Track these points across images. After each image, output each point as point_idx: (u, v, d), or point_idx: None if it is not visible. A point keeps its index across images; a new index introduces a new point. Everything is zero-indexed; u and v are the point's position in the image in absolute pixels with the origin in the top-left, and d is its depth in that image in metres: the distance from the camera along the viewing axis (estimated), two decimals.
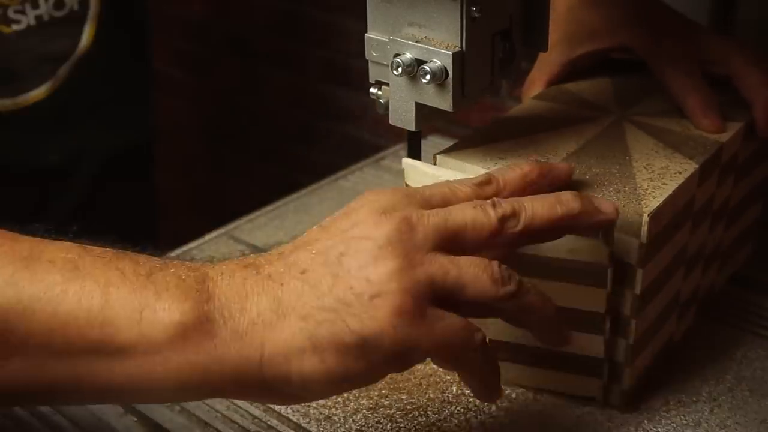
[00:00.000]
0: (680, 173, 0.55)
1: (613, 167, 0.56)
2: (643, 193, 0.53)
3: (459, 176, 0.52)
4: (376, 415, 0.57)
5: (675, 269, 0.57)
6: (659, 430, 0.55)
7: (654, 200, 0.52)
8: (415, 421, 0.56)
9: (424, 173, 0.56)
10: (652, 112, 0.63)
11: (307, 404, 0.57)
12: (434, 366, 0.61)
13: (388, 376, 0.59)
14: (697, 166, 0.56)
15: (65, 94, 0.85)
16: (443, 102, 0.53)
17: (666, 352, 0.61)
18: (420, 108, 0.54)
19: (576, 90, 0.67)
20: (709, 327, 0.65)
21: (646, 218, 0.51)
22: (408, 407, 0.57)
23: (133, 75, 0.95)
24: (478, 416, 0.56)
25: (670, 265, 0.56)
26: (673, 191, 0.53)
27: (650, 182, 0.54)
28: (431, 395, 0.58)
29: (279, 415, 0.57)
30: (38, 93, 0.83)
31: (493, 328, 0.55)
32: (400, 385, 0.59)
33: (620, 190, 0.53)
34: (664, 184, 0.54)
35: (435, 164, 0.57)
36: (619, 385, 0.56)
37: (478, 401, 0.57)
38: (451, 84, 0.52)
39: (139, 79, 0.96)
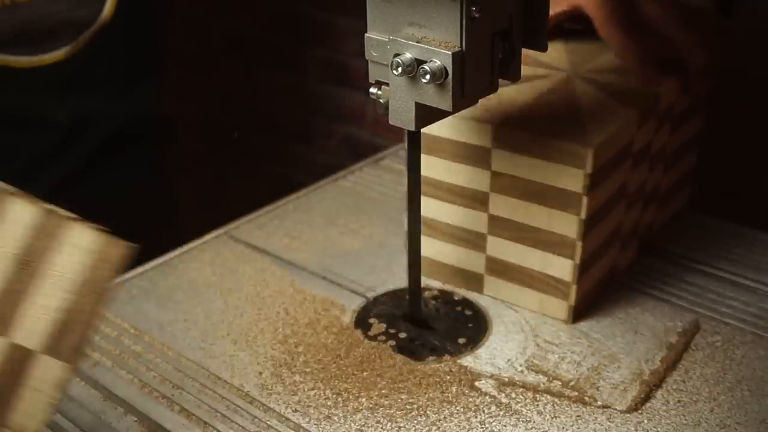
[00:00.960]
0: (621, 117, 0.63)
1: (563, 113, 0.64)
2: (589, 132, 0.61)
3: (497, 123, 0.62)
4: (376, 415, 0.57)
5: (616, 202, 0.66)
6: (659, 430, 0.55)
7: (598, 137, 0.60)
8: (415, 421, 0.56)
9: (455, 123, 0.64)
10: (600, 69, 0.70)
11: (307, 404, 0.58)
12: (434, 366, 0.61)
13: (388, 375, 0.60)
14: (636, 111, 0.64)
15: (81, 60, 0.87)
16: (443, 102, 0.53)
17: (609, 280, 0.69)
18: (420, 108, 0.54)
19: (532, 53, 0.70)
20: (711, 326, 0.65)
21: (591, 151, 0.59)
22: (408, 407, 0.57)
23: (148, 48, 0.97)
24: (478, 416, 0.56)
25: (612, 197, 0.65)
26: (615, 131, 0.61)
27: (595, 124, 0.62)
28: (431, 395, 0.58)
29: (279, 415, 0.57)
30: (56, 55, 0.85)
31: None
32: (400, 385, 0.59)
33: (569, 131, 0.61)
34: (607, 125, 0.62)
35: None
36: (567, 302, 0.64)
37: (478, 401, 0.58)
38: (450, 84, 0.52)
39: (152, 53, 0.98)
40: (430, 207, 0.68)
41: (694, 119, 0.77)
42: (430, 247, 0.70)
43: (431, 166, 0.67)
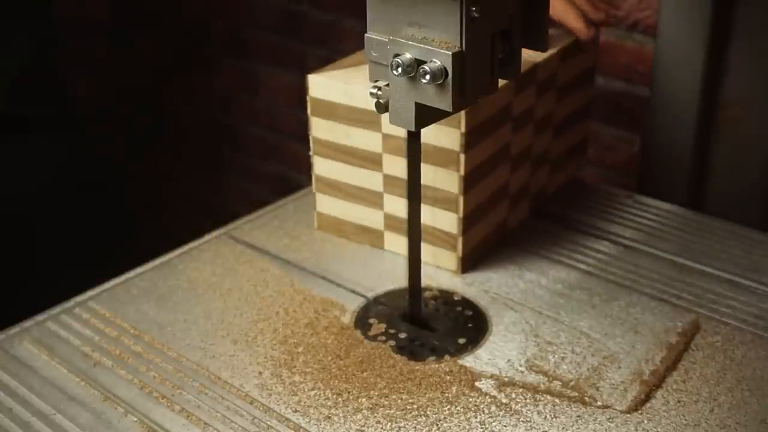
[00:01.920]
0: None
1: None
2: None
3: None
4: (376, 415, 0.57)
5: (499, 162, 0.71)
6: (659, 430, 0.55)
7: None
8: (415, 421, 0.56)
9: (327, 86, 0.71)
10: None
11: (307, 404, 0.58)
12: (434, 366, 0.61)
13: (388, 376, 0.60)
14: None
15: None
16: (443, 102, 0.53)
17: (501, 235, 0.76)
18: (420, 108, 0.54)
19: None
20: (711, 326, 0.65)
21: (463, 112, 0.64)
22: (408, 407, 0.57)
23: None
24: (478, 416, 0.56)
25: (493, 157, 0.70)
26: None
27: None
28: (431, 395, 0.58)
29: (279, 415, 0.57)
30: None
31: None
32: (400, 385, 0.59)
33: None
34: None
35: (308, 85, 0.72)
36: (455, 253, 0.70)
37: (478, 401, 0.58)
38: (450, 84, 0.52)
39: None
40: (329, 168, 0.74)
41: (581, 91, 0.82)
42: (333, 207, 0.76)
43: (328, 130, 0.73)
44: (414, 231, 0.62)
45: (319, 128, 0.73)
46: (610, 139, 1.11)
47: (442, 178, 0.68)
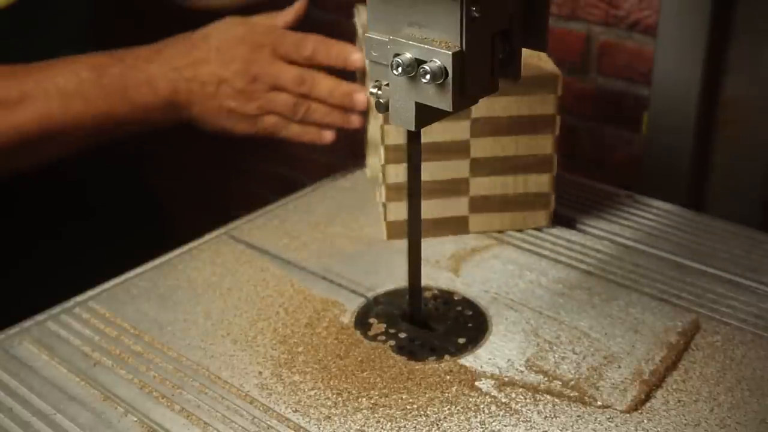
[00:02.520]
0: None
1: None
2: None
3: None
4: (376, 415, 0.57)
5: None
6: (659, 430, 0.55)
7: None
8: (415, 421, 0.56)
9: None
10: None
11: (307, 404, 0.58)
12: (434, 366, 0.61)
13: (388, 375, 0.60)
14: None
15: (32, 2, 0.87)
16: (443, 102, 0.52)
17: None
18: (420, 108, 0.54)
19: None
20: (711, 326, 0.65)
21: (560, 75, 0.72)
22: (408, 407, 0.57)
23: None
24: (478, 416, 0.56)
25: None
26: None
27: None
28: (431, 395, 0.58)
29: (279, 415, 0.57)
30: None
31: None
32: (400, 385, 0.59)
33: None
34: None
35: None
36: (548, 211, 0.77)
37: (478, 401, 0.58)
38: (450, 84, 0.52)
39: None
40: (398, 172, 0.75)
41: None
42: (404, 211, 0.76)
43: (399, 133, 0.73)
44: (414, 231, 0.62)
45: (391, 135, 0.73)
46: (610, 139, 1.11)
47: (533, 144, 0.74)
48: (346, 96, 0.81)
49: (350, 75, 0.82)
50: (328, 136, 0.83)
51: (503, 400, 0.58)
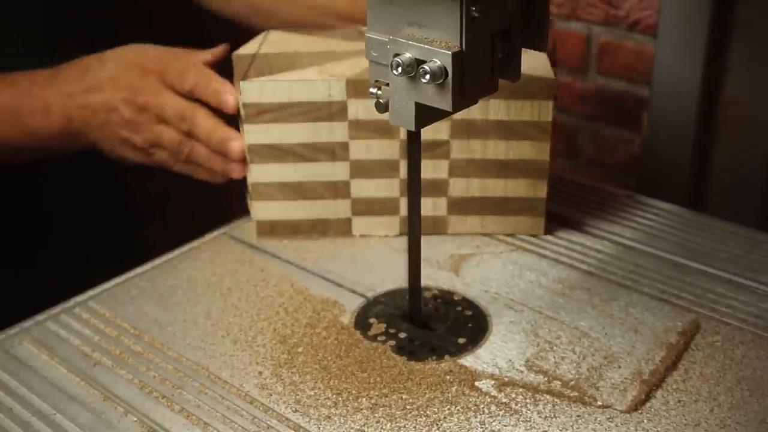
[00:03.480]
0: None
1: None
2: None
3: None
4: (376, 415, 0.57)
5: None
6: (659, 430, 0.55)
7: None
8: (415, 421, 0.56)
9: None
10: None
11: (307, 404, 0.58)
12: (434, 366, 0.61)
13: (388, 375, 0.60)
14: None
15: None
16: (443, 102, 0.52)
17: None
18: (420, 108, 0.54)
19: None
20: (711, 326, 0.65)
21: (555, 80, 0.70)
22: (408, 407, 0.57)
23: None
24: (478, 416, 0.56)
25: None
26: None
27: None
28: (431, 395, 0.58)
29: (279, 415, 0.57)
30: None
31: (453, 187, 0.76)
32: (400, 385, 0.59)
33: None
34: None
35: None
36: (541, 219, 0.76)
37: (478, 401, 0.58)
38: (450, 84, 0.52)
39: None
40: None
41: None
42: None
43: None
44: (414, 231, 0.62)
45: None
46: (610, 139, 1.11)
47: (526, 151, 0.73)
48: (222, 143, 0.74)
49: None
50: (220, 179, 0.77)
51: (503, 400, 0.58)
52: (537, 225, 0.76)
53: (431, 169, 0.74)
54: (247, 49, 0.78)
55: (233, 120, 0.75)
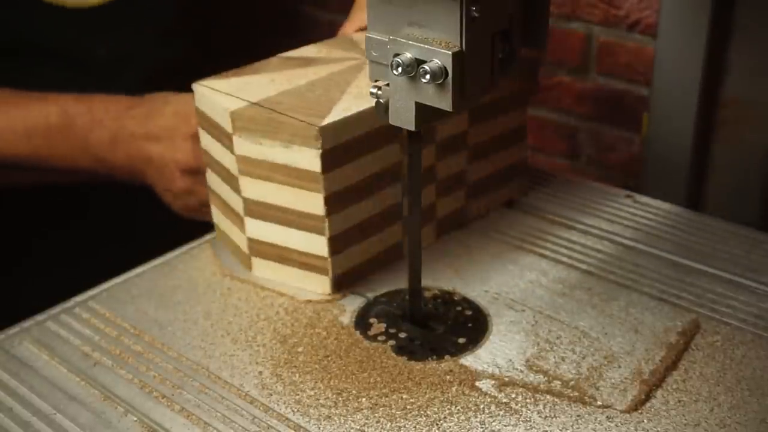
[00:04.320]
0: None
1: (332, 92, 0.68)
2: (334, 112, 0.64)
3: (238, 103, 0.66)
4: (376, 414, 0.57)
5: (387, 183, 0.68)
6: (659, 430, 0.55)
7: (335, 118, 0.63)
8: (415, 421, 0.56)
9: (209, 98, 0.69)
10: None
11: (307, 404, 0.58)
12: (434, 366, 0.61)
13: (388, 375, 0.60)
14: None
15: (126, 1, 0.90)
16: (443, 102, 0.53)
17: (393, 256, 0.72)
18: (420, 108, 0.54)
19: (357, 39, 0.81)
20: (712, 326, 0.65)
21: (317, 131, 0.62)
22: (408, 407, 0.57)
23: None
24: (478, 416, 0.56)
25: (378, 177, 0.67)
26: (358, 112, 0.64)
27: (347, 105, 0.65)
28: (431, 395, 0.58)
29: (279, 415, 0.57)
30: None
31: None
32: (400, 385, 0.59)
33: (315, 109, 0.64)
34: (357, 107, 0.65)
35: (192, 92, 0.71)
36: (327, 277, 0.68)
37: (478, 401, 0.58)
38: (450, 84, 0.52)
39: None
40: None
41: (507, 115, 0.78)
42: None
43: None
44: (414, 231, 0.62)
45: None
46: (610, 139, 1.11)
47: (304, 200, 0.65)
48: None
49: None
50: None
51: (503, 400, 0.58)
52: (322, 283, 0.68)
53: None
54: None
55: None
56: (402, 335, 0.64)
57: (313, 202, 0.65)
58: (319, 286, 0.68)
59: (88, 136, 0.79)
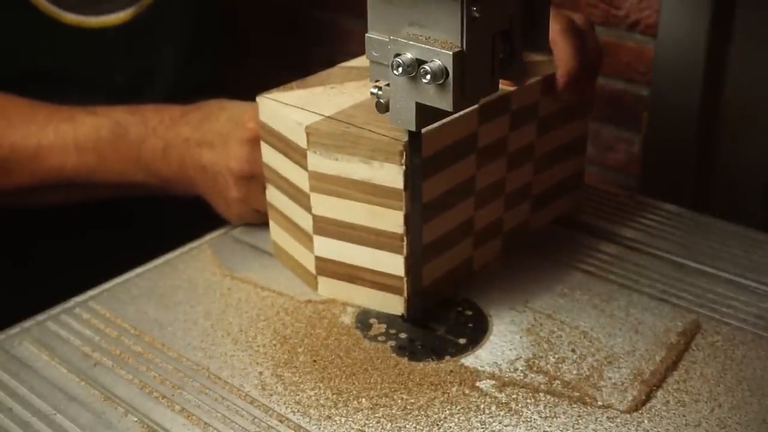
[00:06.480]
0: (457, 112, 0.58)
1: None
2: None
3: (311, 117, 0.63)
4: (376, 415, 0.57)
5: (460, 197, 0.66)
6: (659, 430, 0.55)
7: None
8: (416, 421, 0.56)
9: (276, 112, 0.66)
10: None
11: (307, 404, 0.58)
12: (434, 366, 0.61)
13: (388, 376, 0.60)
14: (475, 106, 0.62)
15: (145, 20, 0.89)
16: (443, 102, 0.53)
17: (464, 274, 0.70)
18: (420, 108, 0.54)
19: None
20: (712, 326, 0.65)
21: (402, 147, 0.59)
22: (408, 407, 0.57)
23: (212, 12, 0.99)
24: (479, 416, 0.56)
25: (452, 192, 0.65)
26: (441, 125, 0.60)
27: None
28: (431, 395, 0.58)
29: (279, 415, 0.57)
30: (121, 16, 0.88)
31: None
32: (401, 385, 0.59)
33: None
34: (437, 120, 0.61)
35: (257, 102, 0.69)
36: (401, 297, 0.64)
37: (478, 401, 0.58)
38: (451, 84, 0.52)
39: (216, 18, 1.00)
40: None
41: (571, 124, 0.75)
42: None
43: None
44: (414, 231, 0.62)
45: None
46: (610, 139, 1.11)
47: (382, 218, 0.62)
48: None
49: None
50: None
51: (504, 401, 0.58)
52: (398, 303, 0.66)
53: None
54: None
55: None
56: (402, 335, 0.64)
57: (392, 220, 0.62)
58: (392, 306, 0.66)
59: (140, 146, 0.77)
